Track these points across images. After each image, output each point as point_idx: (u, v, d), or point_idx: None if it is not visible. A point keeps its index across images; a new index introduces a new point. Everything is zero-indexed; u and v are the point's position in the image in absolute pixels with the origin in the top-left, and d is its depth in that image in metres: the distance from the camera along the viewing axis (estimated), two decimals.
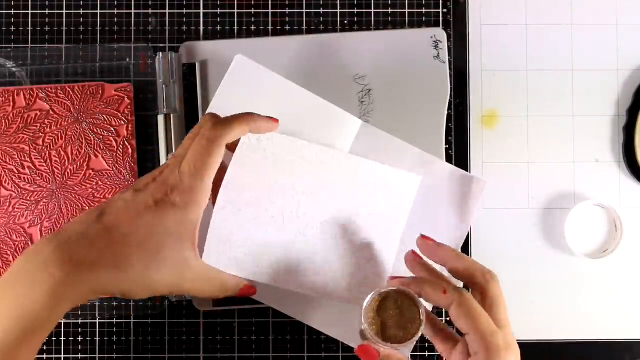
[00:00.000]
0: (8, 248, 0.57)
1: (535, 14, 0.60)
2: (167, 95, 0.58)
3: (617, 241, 0.58)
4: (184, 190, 0.44)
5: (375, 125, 0.55)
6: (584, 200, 0.59)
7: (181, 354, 0.59)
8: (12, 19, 0.60)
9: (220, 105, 0.53)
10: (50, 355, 0.58)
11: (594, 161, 0.60)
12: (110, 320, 0.58)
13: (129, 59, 0.59)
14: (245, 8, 0.60)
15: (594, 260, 0.58)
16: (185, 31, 0.60)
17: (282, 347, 0.59)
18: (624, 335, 0.59)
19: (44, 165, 0.57)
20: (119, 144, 0.57)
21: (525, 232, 0.59)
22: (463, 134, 0.59)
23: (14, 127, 0.57)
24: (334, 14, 0.60)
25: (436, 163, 0.55)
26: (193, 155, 0.45)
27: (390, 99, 0.59)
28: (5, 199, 0.57)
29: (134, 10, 0.60)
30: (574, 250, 0.58)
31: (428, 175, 0.55)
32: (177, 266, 0.44)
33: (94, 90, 0.57)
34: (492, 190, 0.58)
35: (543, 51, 0.60)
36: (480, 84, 0.60)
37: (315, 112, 0.54)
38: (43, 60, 0.58)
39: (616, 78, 0.60)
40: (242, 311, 0.59)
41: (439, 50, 0.59)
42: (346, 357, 0.59)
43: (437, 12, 0.60)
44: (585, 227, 0.59)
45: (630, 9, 0.60)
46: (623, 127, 0.59)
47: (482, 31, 0.60)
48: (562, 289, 0.59)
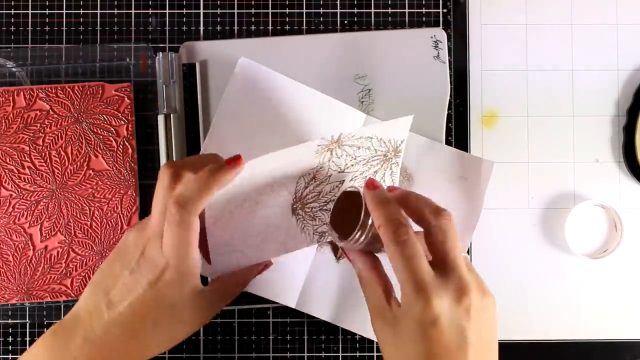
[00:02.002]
0: (8, 248, 0.57)
1: (535, 14, 0.60)
2: (167, 95, 0.58)
3: (617, 241, 0.58)
4: (175, 269, 0.45)
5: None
6: (584, 200, 0.59)
7: (181, 354, 0.58)
8: (12, 19, 0.60)
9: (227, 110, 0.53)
10: None
11: (594, 161, 0.60)
12: None
13: (129, 59, 0.58)
14: (245, 8, 0.60)
15: (594, 260, 0.58)
16: (185, 31, 0.60)
17: (282, 347, 0.59)
18: (624, 335, 0.59)
19: (44, 165, 0.57)
20: (119, 144, 0.57)
21: (525, 232, 0.59)
22: (463, 134, 0.59)
23: (14, 127, 0.57)
24: (334, 14, 0.60)
25: (442, 149, 0.56)
26: (171, 240, 0.44)
27: (390, 99, 0.59)
28: (5, 199, 0.57)
29: (134, 10, 0.60)
30: (573, 250, 0.58)
31: (435, 161, 0.56)
32: (189, 314, 0.47)
33: (94, 90, 0.57)
34: (492, 190, 0.58)
35: (543, 51, 0.60)
36: (480, 84, 0.60)
37: (320, 109, 0.54)
38: (43, 60, 0.58)
39: (616, 78, 0.60)
40: (242, 311, 0.59)
41: (439, 50, 0.59)
42: (346, 357, 0.59)
43: (437, 12, 0.60)
44: (585, 227, 0.59)
45: (630, 9, 0.60)
46: (623, 127, 0.59)
47: (482, 31, 0.60)
48: (562, 289, 0.59)
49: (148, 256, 0.46)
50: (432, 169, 0.57)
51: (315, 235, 0.51)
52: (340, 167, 0.50)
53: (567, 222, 0.58)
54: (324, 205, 0.51)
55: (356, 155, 0.50)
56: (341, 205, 0.49)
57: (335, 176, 0.50)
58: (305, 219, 0.50)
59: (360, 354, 0.59)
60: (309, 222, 0.51)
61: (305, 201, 0.50)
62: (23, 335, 0.58)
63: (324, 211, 0.51)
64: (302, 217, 0.50)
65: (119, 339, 0.46)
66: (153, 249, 0.46)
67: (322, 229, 0.51)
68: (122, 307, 0.46)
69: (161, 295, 0.45)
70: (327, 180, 0.50)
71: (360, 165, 0.51)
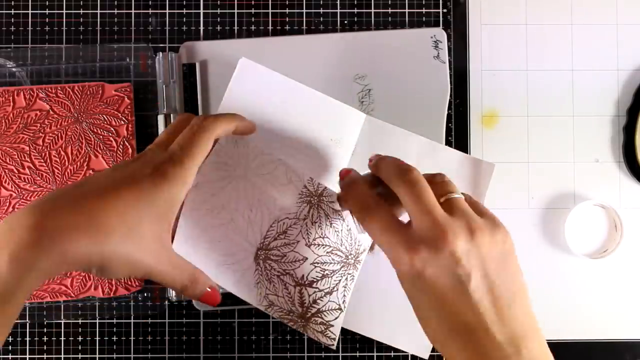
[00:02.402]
0: None
1: (535, 14, 0.60)
2: (167, 95, 0.58)
3: (617, 241, 0.58)
4: (174, 163, 0.42)
5: None
6: (584, 200, 0.59)
7: (181, 354, 0.58)
8: (12, 19, 0.60)
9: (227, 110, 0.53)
10: (50, 355, 0.58)
11: (594, 161, 0.60)
12: (110, 320, 0.58)
13: (129, 59, 0.59)
14: (245, 8, 0.60)
15: (594, 260, 0.58)
16: (185, 31, 0.60)
17: (282, 347, 0.59)
18: (624, 335, 0.59)
19: (44, 165, 0.57)
20: (119, 144, 0.57)
21: (525, 232, 0.59)
22: (463, 134, 0.59)
23: (14, 127, 0.57)
24: (334, 14, 0.60)
25: (443, 150, 0.56)
26: (183, 138, 0.44)
27: (390, 99, 0.59)
28: (5, 199, 0.57)
29: (134, 10, 0.60)
30: (573, 250, 0.58)
31: (436, 161, 0.56)
32: (155, 244, 0.42)
33: (94, 90, 0.57)
34: (492, 191, 0.58)
35: (543, 51, 0.60)
36: (480, 84, 0.60)
37: (320, 109, 0.54)
38: (43, 60, 0.58)
39: (616, 78, 0.60)
40: (242, 311, 0.59)
41: (439, 50, 0.59)
42: (346, 357, 0.59)
43: (437, 12, 0.60)
44: (585, 227, 0.59)
45: (630, 9, 0.60)
46: (623, 127, 0.59)
47: (482, 31, 0.60)
48: (562, 289, 0.59)
49: (142, 159, 0.43)
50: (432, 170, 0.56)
51: (265, 301, 0.48)
52: (309, 239, 0.48)
53: (567, 222, 0.58)
54: (282, 274, 0.48)
55: (325, 235, 0.48)
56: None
57: (300, 248, 0.48)
58: (262, 275, 0.48)
59: (360, 354, 0.59)
60: (264, 280, 0.48)
61: (268, 254, 0.48)
62: (23, 335, 0.58)
63: (280, 280, 0.48)
64: (260, 271, 0.48)
65: (72, 211, 0.39)
66: (151, 153, 0.44)
67: (273, 299, 0.48)
68: (92, 187, 0.41)
69: (141, 190, 0.41)
70: (293, 246, 0.48)
71: (322, 250, 0.48)
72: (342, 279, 0.49)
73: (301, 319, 0.48)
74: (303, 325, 0.48)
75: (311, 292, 0.48)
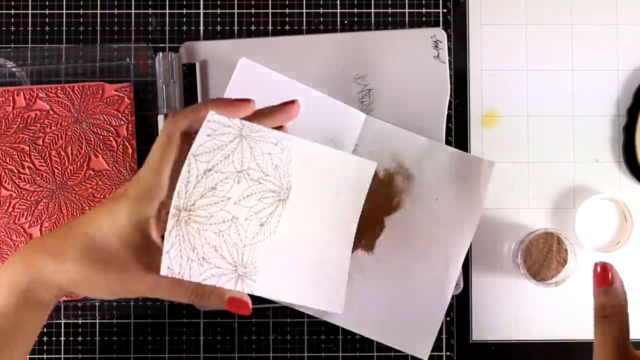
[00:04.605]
0: (8, 248, 0.57)
1: (535, 14, 0.60)
2: (167, 95, 0.58)
3: (629, 232, 0.57)
4: (137, 183, 0.44)
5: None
6: (584, 200, 0.58)
7: (181, 354, 0.58)
8: (12, 19, 0.60)
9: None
10: (50, 355, 0.58)
11: (594, 161, 0.60)
12: (110, 320, 0.58)
13: (129, 59, 0.59)
14: (245, 8, 0.60)
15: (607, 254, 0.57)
16: (185, 31, 0.60)
17: (282, 347, 0.59)
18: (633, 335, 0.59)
19: (44, 165, 0.57)
20: (119, 144, 0.57)
21: (525, 232, 0.59)
22: (463, 134, 0.59)
23: (14, 127, 0.57)
24: (334, 14, 0.60)
25: (443, 149, 0.56)
26: (150, 152, 0.45)
27: (390, 99, 0.59)
28: (5, 199, 0.57)
29: (134, 10, 0.60)
30: (585, 246, 0.57)
31: (436, 161, 0.56)
32: (122, 260, 0.43)
33: (94, 90, 0.57)
34: (492, 190, 0.58)
35: (543, 51, 0.60)
36: (480, 84, 0.60)
37: (321, 109, 0.54)
38: (43, 60, 0.58)
39: (616, 78, 0.60)
40: None
41: (439, 50, 0.59)
42: (346, 357, 0.59)
43: (437, 12, 0.60)
44: (595, 222, 0.59)
45: (630, 9, 0.60)
46: (623, 127, 0.59)
47: (482, 31, 0.60)
48: (563, 289, 0.59)
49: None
50: (432, 169, 0.57)
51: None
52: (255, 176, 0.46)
53: (577, 218, 0.57)
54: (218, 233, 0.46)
55: (265, 171, 0.46)
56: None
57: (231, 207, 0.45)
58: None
59: (360, 354, 0.59)
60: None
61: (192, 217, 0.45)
62: None
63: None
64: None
65: (56, 240, 0.44)
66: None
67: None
68: (81, 217, 0.45)
69: (110, 209, 0.44)
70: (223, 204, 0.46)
71: (253, 198, 0.46)
72: (275, 216, 0.48)
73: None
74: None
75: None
